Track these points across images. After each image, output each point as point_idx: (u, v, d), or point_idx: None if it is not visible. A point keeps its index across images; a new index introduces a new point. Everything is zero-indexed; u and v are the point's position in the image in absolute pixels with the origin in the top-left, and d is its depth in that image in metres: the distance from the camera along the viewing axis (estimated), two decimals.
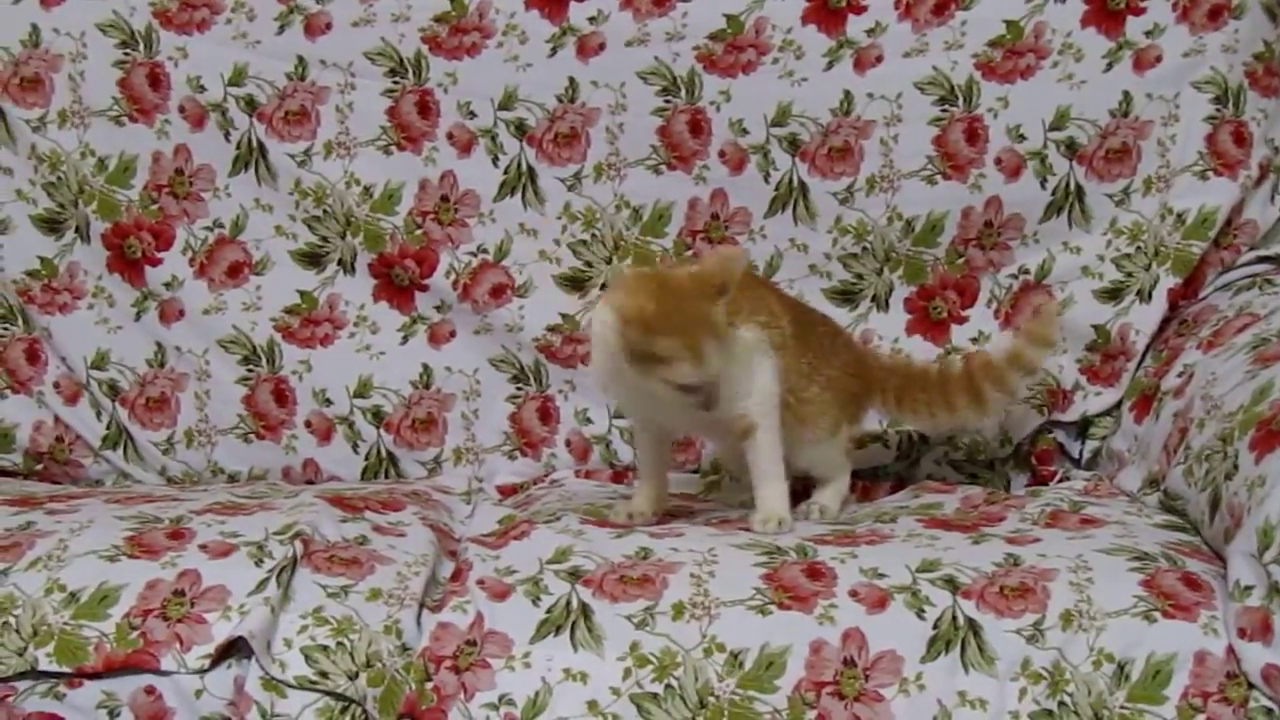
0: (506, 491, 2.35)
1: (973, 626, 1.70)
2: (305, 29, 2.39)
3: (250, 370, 2.42)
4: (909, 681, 1.67)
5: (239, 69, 2.38)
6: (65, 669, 1.73)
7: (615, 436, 2.41)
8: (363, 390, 2.41)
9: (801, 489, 2.13)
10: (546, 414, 2.42)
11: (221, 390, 2.43)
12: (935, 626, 1.70)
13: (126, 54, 2.40)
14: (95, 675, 1.73)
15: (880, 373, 2.21)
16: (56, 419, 2.45)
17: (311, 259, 2.41)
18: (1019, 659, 1.68)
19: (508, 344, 2.40)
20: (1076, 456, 2.37)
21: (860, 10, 2.33)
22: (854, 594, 1.73)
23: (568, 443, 2.42)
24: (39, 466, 2.46)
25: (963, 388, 2.17)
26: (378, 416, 2.41)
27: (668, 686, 1.68)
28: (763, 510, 1.97)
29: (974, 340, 2.37)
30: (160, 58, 2.39)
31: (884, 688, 1.67)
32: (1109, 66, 2.32)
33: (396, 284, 2.40)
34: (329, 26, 2.38)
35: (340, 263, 2.41)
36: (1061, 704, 1.66)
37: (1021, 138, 2.33)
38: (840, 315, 2.36)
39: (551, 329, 2.39)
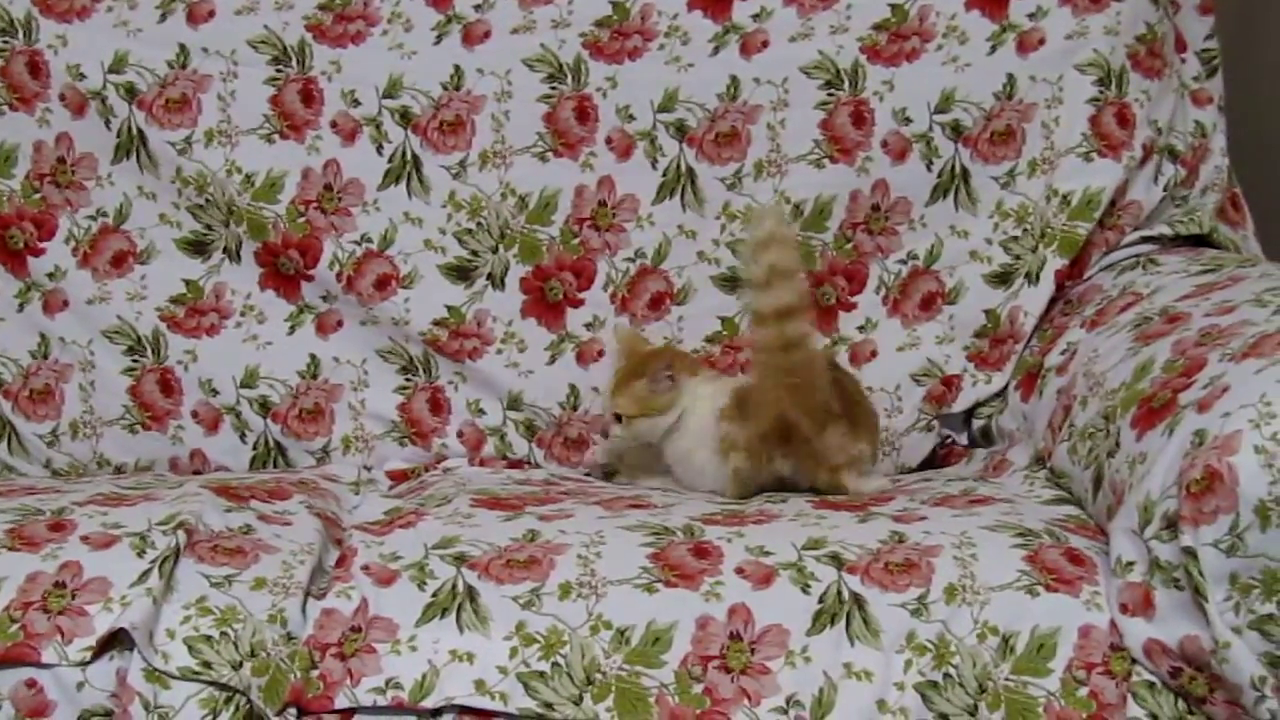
0: (398, 477, 2.33)
1: (858, 601, 1.71)
2: (187, 17, 2.35)
3: (135, 360, 2.39)
4: (795, 654, 1.68)
5: (120, 56, 2.35)
6: None
7: (511, 429, 2.40)
8: (249, 380, 2.38)
9: None
10: (437, 405, 2.40)
11: (106, 381, 2.39)
12: (820, 601, 1.71)
13: (6, 42, 2.36)
14: None
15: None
16: None
17: (197, 247, 2.38)
18: (904, 632, 1.69)
19: (395, 336, 2.38)
20: (965, 441, 2.40)
21: None
22: (740, 571, 1.74)
23: (460, 433, 2.40)
24: None
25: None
26: (265, 406, 2.38)
27: (554, 664, 1.68)
28: None
29: (860, 329, 2.37)
30: (40, 45, 2.36)
31: (770, 660, 1.68)
32: (993, 49, 2.33)
33: (283, 273, 2.38)
34: (211, 14, 2.35)
35: (226, 251, 2.38)
36: (947, 675, 1.67)
37: (907, 120, 2.34)
38: (728, 303, 2.37)
39: (438, 323, 2.37)
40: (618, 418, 2.20)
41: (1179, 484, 1.65)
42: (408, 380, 2.39)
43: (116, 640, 1.71)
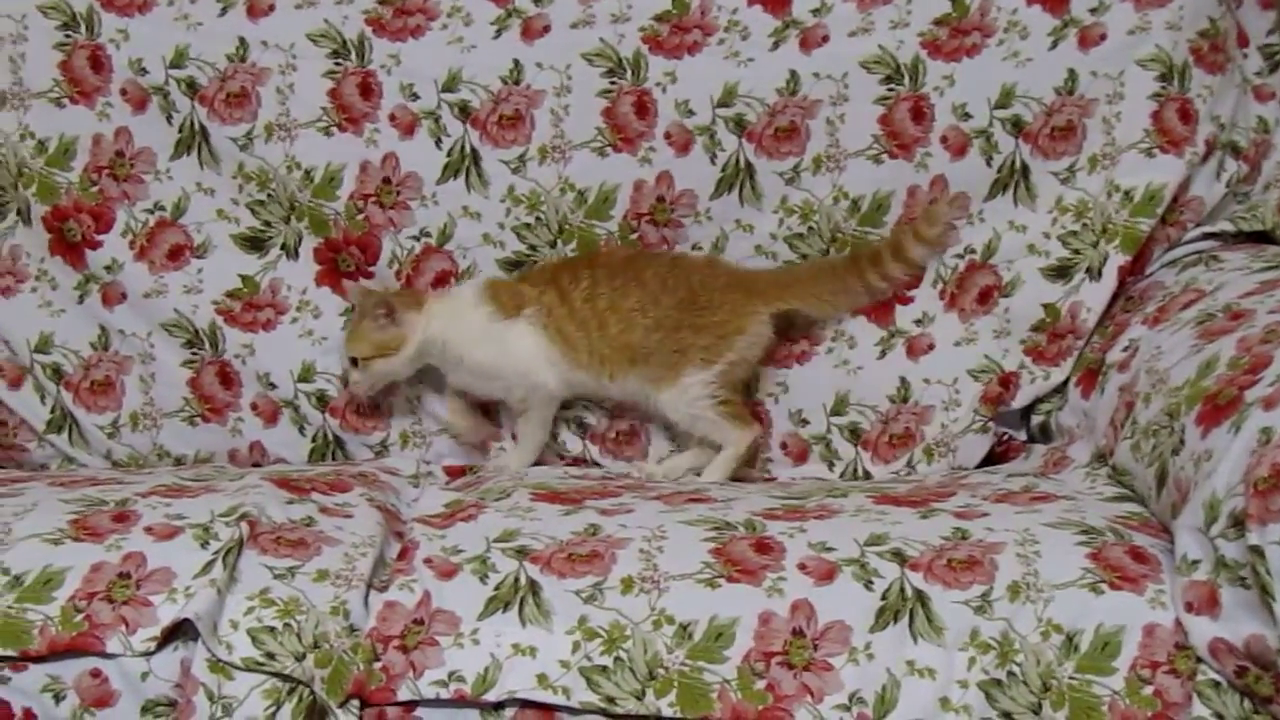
0: (455, 472, 2.34)
1: (920, 598, 1.70)
2: (247, 11, 2.37)
3: (194, 353, 2.40)
4: (858, 651, 1.68)
5: (180, 51, 2.36)
6: (9, 652, 1.72)
7: (563, 428, 2.40)
8: (306, 375, 2.40)
9: None
10: (487, 409, 2.41)
11: (166, 373, 2.41)
12: (883, 598, 1.70)
13: (68, 36, 2.37)
14: (39, 658, 1.72)
15: (765, 290, 2.30)
16: (0, 403, 2.43)
17: (253, 243, 2.39)
18: (967, 629, 1.68)
19: None
20: (1023, 437, 2.39)
21: None
22: (802, 567, 1.74)
23: (514, 437, 2.41)
24: None
25: (852, 272, 2.29)
26: (322, 401, 2.39)
27: (617, 659, 1.68)
28: (502, 459, 2.37)
29: (918, 322, 2.36)
30: (101, 40, 2.37)
31: (833, 657, 1.67)
32: (1054, 44, 2.32)
33: (342, 269, 2.38)
34: (271, 8, 2.37)
35: (283, 247, 2.39)
36: (1010, 674, 1.66)
37: (967, 116, 2.32)
38: None
39: None
40: (354, 362, 2.28)
41: (1245, 481, 1.64)
42: None
43: (180, 631, 1.72)
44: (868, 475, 2.35)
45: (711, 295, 2.28)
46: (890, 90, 2.33)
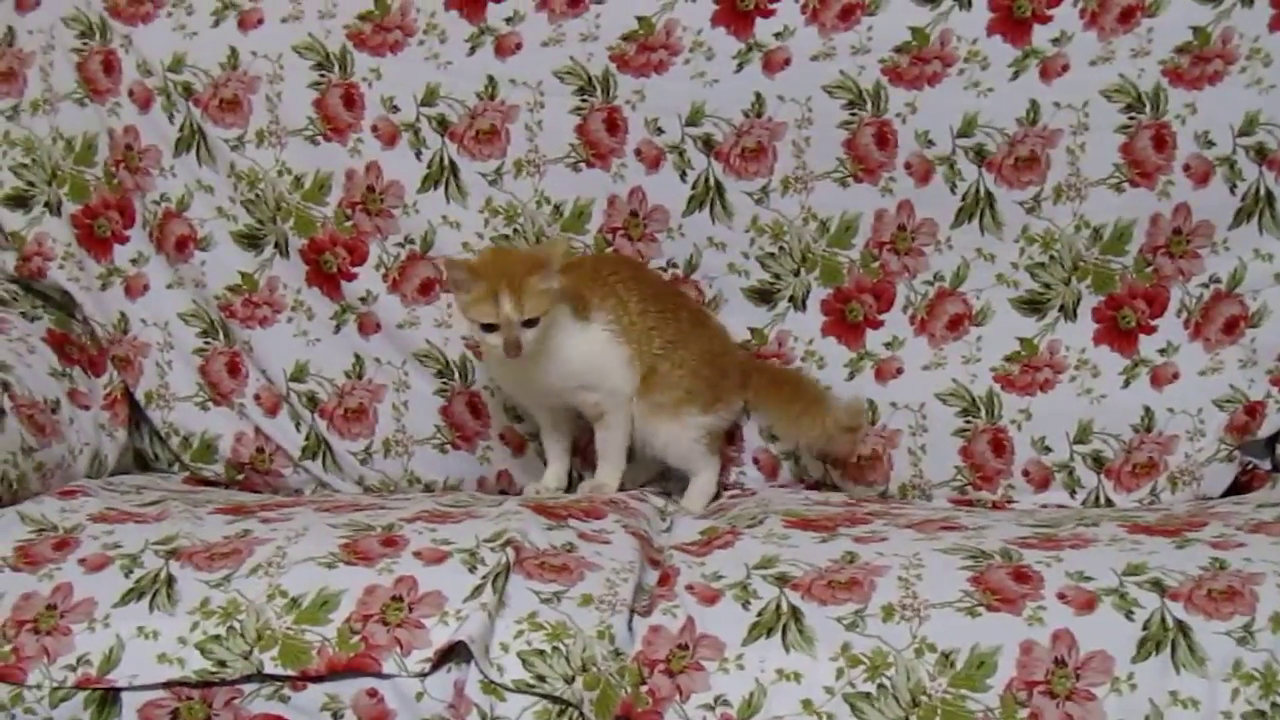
0: None
1: (1182, 628, 1.70)
2: (495, 49, 2.43)
3: (445, 383, 2.47)
4: (1120, 681, 1.68)
5: (431, 89, 2.44)
6: (290, 672, 1.78)
7: (806, 452, 2.44)
8: None
9: None
10: (731, 433, 2.45)
11: (419, 401, 2.48)
12: (1145, 628, 1.71)
13: (322, 76, 2.46)
14: (318, 678, 1.78)
15: (746, 367, 2.41)
16: (257, 430, 2.52)
17: None
18: (1230, 660, 1.68)
19: None
20: (1268, 466, 2.37)
21: (1045, 20, 2.33)
22: (1062, 596, 1.75)
23: (755, 460, 2.45)
24: (240, 476, 2.53)
25: (811, 412, 2.33)
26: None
27: (880, 686, 1.70)
28: (594, 479, 2.33)
29: (1161, 351, 2.36)
30: (355, 79, 2.45)
31: (1095, 687, 1.68)
32: None
33: None
34: (519, 47, 2.43)
35: None
36: (1274, 704, 1.66)
37: (1210, 144, 2.32)
38: (1026, 325, 2.38)
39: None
40: (529, 324, 2.17)
41: None
42: None
43: (453, 652, 1.77)
44: (1109, 503, 2.35)
45: (722, 360, 2.36)
46: (1132, 119, 2.33)
